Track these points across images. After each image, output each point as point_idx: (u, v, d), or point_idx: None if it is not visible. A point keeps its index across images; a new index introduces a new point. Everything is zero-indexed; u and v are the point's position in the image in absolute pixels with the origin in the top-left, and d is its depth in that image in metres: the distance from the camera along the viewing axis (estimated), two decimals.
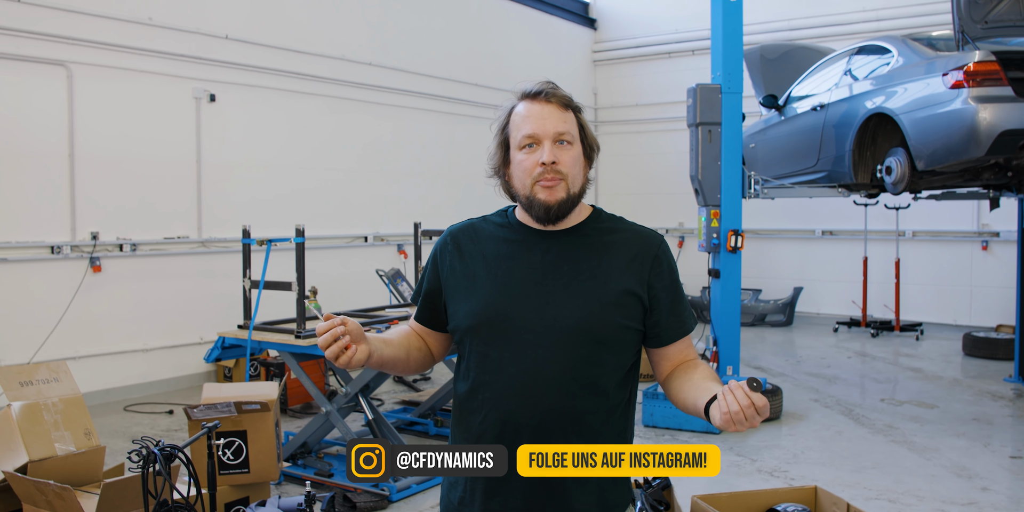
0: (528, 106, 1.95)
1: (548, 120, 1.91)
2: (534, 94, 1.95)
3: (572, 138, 1.94)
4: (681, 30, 12.77)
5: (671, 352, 2.05)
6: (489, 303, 1.97)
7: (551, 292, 1.95)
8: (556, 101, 1.94)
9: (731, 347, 6.95)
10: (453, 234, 2.11)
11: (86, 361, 7.17)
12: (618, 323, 1.94)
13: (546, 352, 1.91)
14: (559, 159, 1.91)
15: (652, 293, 1.99)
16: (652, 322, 2.00)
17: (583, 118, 2.00)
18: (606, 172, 13.81)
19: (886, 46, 6.49)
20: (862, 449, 5.69)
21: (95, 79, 7.15)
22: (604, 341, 1.93)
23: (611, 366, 1.96)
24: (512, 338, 1.94)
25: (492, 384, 1.96)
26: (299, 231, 5.09)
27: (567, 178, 1.93)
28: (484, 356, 1.97)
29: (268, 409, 3.93)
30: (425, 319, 2.13)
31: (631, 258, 1.99)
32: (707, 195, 6.80)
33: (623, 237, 2.04)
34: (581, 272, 1.96)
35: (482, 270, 2.01)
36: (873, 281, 10.96)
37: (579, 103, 2.02)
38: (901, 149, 6.00)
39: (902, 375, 8.20)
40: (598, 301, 1.93)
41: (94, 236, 7.15)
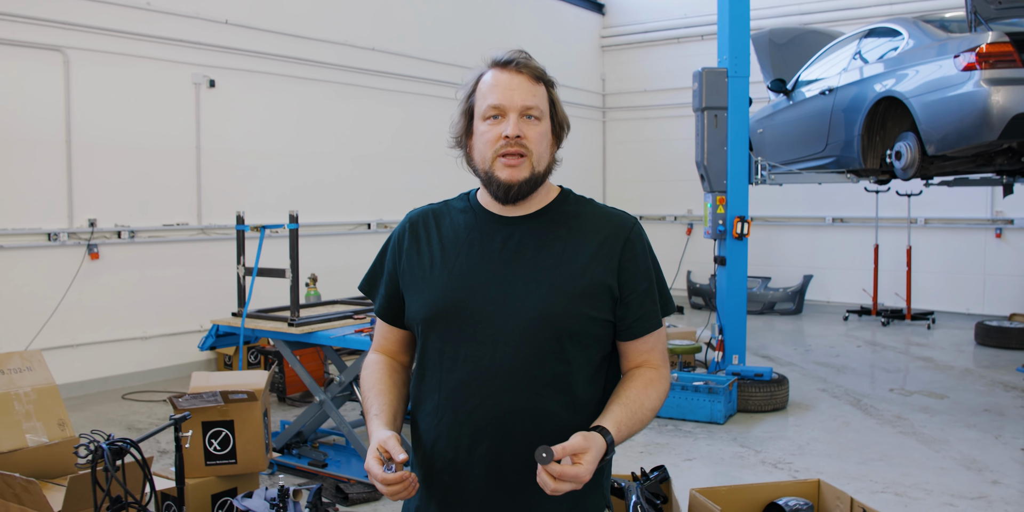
0: (497, 75, 1.79)
1: (516, 91, 1.77)
2: (504, 62, 1.79)
3: (541, 113, 1.79)
4: (691, 15, 12.58)
5: (630, 350, 1.89)
6: (445, 295, 1.83)
7: (512, 282, 1.80)
8: (528, 72, 1.79)
9: (737, 335, 6.83)
10: (411, 220, 1.98)
11: (84, 349, 7.11)
12: (585, 315, 1.79)
13: (506, 348, 1.77)
14: (524, 133, 1.76)
15: (623, 280, 1.83)
16: (620, 313, 1.84)
17: (555, 93, 1.86)
18: (614, 159, 13.68)
19: (897, 28, 6.32)
20: (869, 440, 5.57)
21: (92, 65, 7.05)
22: (570, 335, 1.78)
23: (579, 362, 1.81)
24: (469, 333, 1.79)
25: (448, 383, 1.82)
26: (292, 217, 4.98)
27: (531, 155, 1.78)
28: (440, 353, 1.84)
29: (255, 399, 3.84)
30: (390, 316, 1.99)
31: (600, 243, 1.83)
32: (713, 181, 6.67)
33: (591, 221, 1.88)
34: (545, 260, 1.81)
35: (439, 259, 1.87)
36: (884, 269, 10.79)
37: (552, 77, 1.87)
38: (911, 133, 5.84)
39: (912, 365, 8.06)
40: (563, 291, 1.78)
41: (91, 223, 7.07)
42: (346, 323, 5.07)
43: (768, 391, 6.27)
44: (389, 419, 1.84)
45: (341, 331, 4.87)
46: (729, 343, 6.78)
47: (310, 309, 5.61)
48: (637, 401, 1.79)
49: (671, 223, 12.86)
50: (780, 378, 6.46)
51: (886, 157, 6.23)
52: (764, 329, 10.28)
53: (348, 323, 5.07)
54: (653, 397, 1.83)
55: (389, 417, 1.85)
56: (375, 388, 1.92)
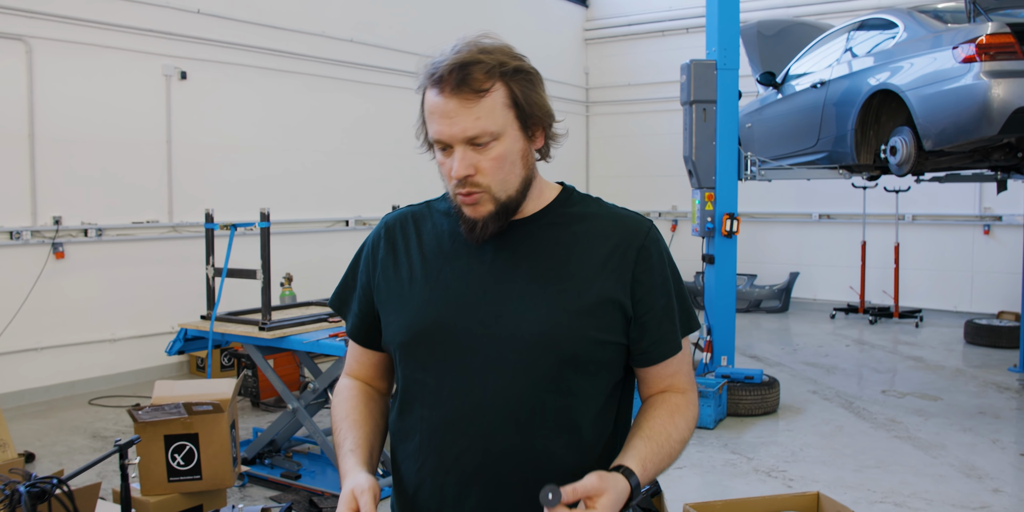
0: (433, 98, 1.47)
1: (456, 120, 1.44)
2: (437, 81, 1.45)
3: (494, 133, 1.46)
4: (675, 7, 12.38)
5: (650, 376, 1.62)
6: (426, 315, 1.55)
7: (504, 300, 1.52)
8: (467, 90, 1.43)
9: (726, 336, 6.64)
10: (387, 226, 1.70)
11: (49, 352, 6.83)
12: (592, 338, 1.51)
13: (498, 378, 1.49)
14: (476, 167, 1.47)
15: (637, 297, 1.54)
16: (635, 336, 1.56)
17: (520, 84, 1.48)
18: (598, 154, 13.47)
19: (891, 19, 6.13)
20: (864, 446, 5.39)
21: (57, 55, 6.76)
22: (574, 362, 1.50)
23: (585, 393, 1.53)
24: (455, 361, 1.52)
25: (431, 421, 1.55)
26: (264, 215, 4.74)
27: (490, 188, 1.49)
28: (420, 384, 1.56)
29: (221, 410, 3.60)
30: (363, 337, 1.72)
31: (609, 252, 1.55)
32: (701, 177, 6.46)
33: (599, 225, 1.59)
34: (544, 273, 1.53)
35: (419, 272, 1.60)
36: (871, 266, 10.64)
37: (518, 61, 1.50)
38: (907, 128, 5.65)
39: (902, 365, 7.90)
40: (565, 310, 1.50)
41: (57, 221, 6.78)
42: (320, 326, 4.83)
43: (759, 394, 6.08)
44: (365, 456, 1.58)
45: (315, 335, 4.63)
46: (718, 344, 6.58)
47: (283, 311, 5.37)
48: (663, 433, 1.53)
49: (656, 219, 12.65)
50: (771, 380, 6.27)
51: (880, 152, 6.05)
52: (750, 327, 10.11)
53: (323, 326, 4.83)
54: (681, 426, 1.57)
55: (365, 454, 1.59)
56: (349, 418, 1.65)
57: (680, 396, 1.62)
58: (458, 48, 1.47)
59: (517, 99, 1.48)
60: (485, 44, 1.49)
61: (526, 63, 1.51)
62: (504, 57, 1.48)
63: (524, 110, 1.49)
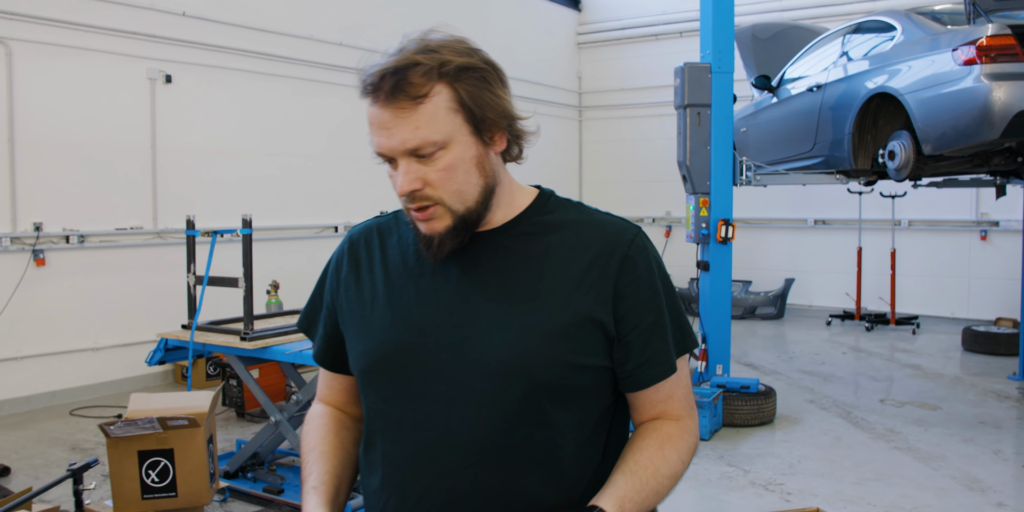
0: (369, 108, 1.34)
1: (394, 131, 1.30)
2: (370, 90, 1.33)
3: (438, 142, 1.30)
4: (668, 11, 12.28)
5: (640, 401, 1.46)
6: (386, 340, 1.41)
7: (470, 322, 1.36)
8: (403, 97, 1.28)
9: (721, 344, 6.51)
10: (351, 240, 1.56)
11: (30, 361, 6.67)
12: (569, 363, 1.35)
13: (465, 409, 1.34)
14: (424, 181, 1.32)
15: (620, 314, 1.38)
16: (619, 357, 1.40)
17: (468, 84, 1.31)
18: (591, 159, 13.35)
19: (888, 21, 6.02)
20: (863, 457, 5.25)
21: (38, 58, 6.61)
22: (550, 390, 1.34)
23: (564, 424, 1.37)
24: (418, 390, 1.37)
25: (394, 457, 1.40)
26: (246, 222, 4.60)
27: (443, 201, 1.34)
28: (382, 416, 1.42)
29: (197, 425, 3.46)
30: (328, 360, 1.59)
31: (588, 264, 1.38)
32: (696, 182, 6.34)
33: (578, 234, 1.42)
34: (514, 291, 1.37)
35: (381, 291, 1.45)
36: (867, 272, 10.53)
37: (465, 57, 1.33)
38: (905, 132, 5.54)
39: (900, 373, 7.78)
40: (536, 333, 1.34)
41: (37, 227, 6.63)
42: (304, 337, 4.68)
43: (755, 404, 5.94)
44: (330, 495, 1.44)
45: (298, 345, 4.49)
46: (713, 352, 6.45)
47: (268, 320, 5.22)
48: (650, 467, 1.37)
49: (650, 225, 12.54)
50: (767, 390, 6.14)
51: (878, 157, 5.93)
52: (745, 334, 9.99)
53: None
54: (672, 460, 1.39)
55: (330, 492, 1.44)
56: (316, 450, 1.51)
57: (674, 424, 1.45)
58: (394, 51, 1.34)
59: (463, 101, 1.31)
60: (431, 41, 1.34)
61: (477, 59, 1.34)
62: (449, 55, 1.31)
63: (474, 113, 1.32)
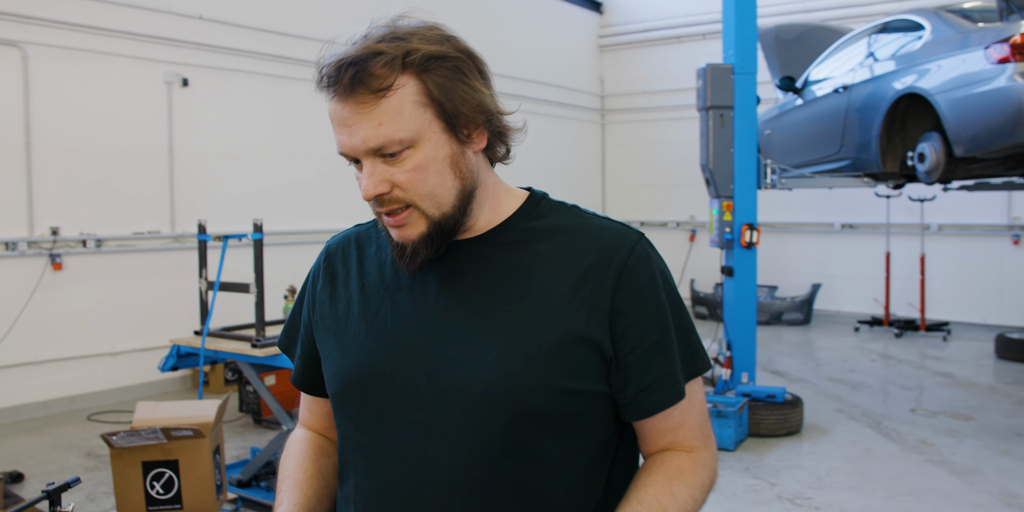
0: (328, 102, 1.21)
1: (354, 129, 1.17)
2: (325, 82, 1.19)
3: (404, 141, 1.16)
4: (691, 13, 12.13)
5: (646, 431, 1.29)
6: (359, 360, 1.27)
7: (449, 342, 1.22)
8: (363, 91, 1.15)
9: (746, 351, 6.36)
10: (328, 251, 1.44)
11: (47, 366, 6.63)
12: (558, 388, 1.18)
13: (443, 440, 1.19)
14: (392, 184, 1.19)
15: (618, 332, 1.21)
16: (618, 382, 1.23)
17: (438, 75, 1.18)
18: (614, 163, 13.21)
19: (917, 20, 5.86)
20: (895, 471, 5.08)
21: (54, 62, 6.58)
22: (536, 418, 1.18)
23: (557, 457, 1.21)
24: (391, 417, 1.23)
25: (365, 491, 1.26)
26: (257, 226, 4.51)
27: (417, 203, 1.20)
28: (354, 445, 1.29)
29: (202, 436, 3.36)
30: (306, 383, 1.46)
31: (582, 275, 1.22)
32: (719, 186, 6.19)
33: (571, 241, 1.26)
34: (497, 306, 1.22)
35: (356, 306, 1.32)
36: (896, 277, 10.31)
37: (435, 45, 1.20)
38: (936, 134, 5.38)
39: (931, 381, 7.57)
40: (522, 353, 1.18)
41: (54, 231, 6.59)
42: None
43: (782, 414, 5.78)
44: None
45: None
46: (738, 360, 6.30)
47: (276, 327, 5.13)
48: (655, 506, 1.20)
49: (673, 229, 12.38)
50: (794, 399, 5.97)
51: (907, 159, 5.77)
52: (771, 341, 9.80)
53: None
54: (682, 497, 1.23)
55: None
56: (290, 479, 1.38)
57: (686, 456, 1.28)
58: (357, 39, 1.19)
59: (432, 95, 1.17)
60: (400, 28, 1.20)
61: (449, 47, 1.21)
62: (417, 43, 1.17)
63: (445, 107, 1.18)
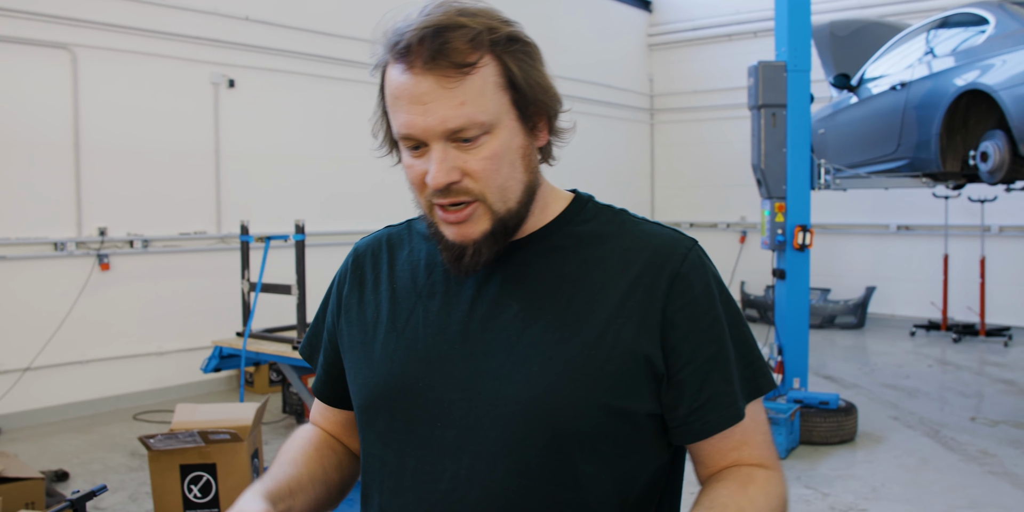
0: (397, 76, 1.08)
1: (432, 106, 1.04)
2: (402, 50, 1.06)
3: (484, 124, 1.05)
4: (742, 10, 11.91)
5: (703, 453, 1.17)
6: (388, 372, 1.16)
7: (486, 354, 1.11)
8: (447, 64, 1.03)
9: (798, 356, 6.17)
10: (356, 254, 1.33)
11: (95, 365, 6.68)
12: (604, 406, 1.08)
13: (477, 461, 1.09)
14: (463, 172, 1.07)
15: (671, 345, 1.10)
16: (669, 400, 1.12)
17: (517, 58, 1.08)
18: (663, 163, 13.04)
19: (980, 13, 5.64)
20: (954, 482, 4.88)
21: (102, 63, 6.63)
22: (580, 439, 1.08)
23: (599, 483, 1.10)
24: (422, 434, 1.13)
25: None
26: (299, 227, 4.48)
27: (485, 196, 1.08)
28: (380, 463, 1.18)
29: (240, 439, 3.32)
30: (327, 394, 1.35)
31: (631, 284, 1.11)
32: (771, 186, 6.02)
33: (619, 248, 1.15)
34: (540, 316, 1.11)
35: (386, 314, 1.21)
36: (954, 280, 9.99)
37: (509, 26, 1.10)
38: (1000, 131, 5.16)
39: (992, 388, 7.31)
40: (567, 368, 1.07)
41: (102, 232, 6.64)
42: None
43: (835, 421, 5.60)
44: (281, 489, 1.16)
45: None
46: (789, 365, 6.12)
47: None
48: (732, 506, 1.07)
49: (723, 231, 12.17)
50: (848, 406, 5.78)
51: (969, 159, 5.55)
52: (824, 345, 9.57)
53: None
54: (760, 502, 1.09)
55: (282, 489, 1.16)
56: (286, 455, 1.27)
57: (757, 468, 1.15)
58: (427, 10, 1.09)
59: (514, 78, 1.07)
60: (464, 4, 1.09)
61: (522, 31, 1.12)
62: (493, 21, 1.08)
63: (524, 93, 1.08)
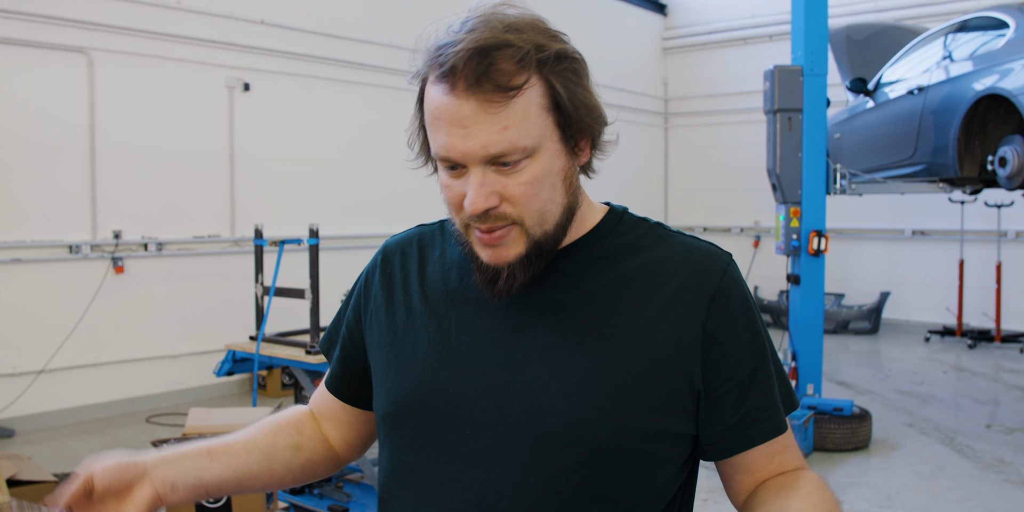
0: (440, 95, 1.02)
1: (474, 131, 1.01)
2: (448, 73, 1.01)
3: (527, 149, 1.02)
4: (758, 14, 11.87)
5: (749, 463, 1.15)
6: (419, 378, 1.14)
7: (521, 364, 1.09)
8: (491, 88, 0.99)
9: (812, 362, 6.13)
10: (385, 252, 1.30)
11: (108, 368, 6.70)
12: (642, 423, 1.06)
13: (507, 472, 1.07)
14: (502, 196, 1.05)
15: (711, 361, 1.09)
16: (706, 416, 1.11)
17: (563, 77, 1.04)
18: (677, 167, 13.01)
19: (1000, 17, 5.60)
20: (970, 490, 4.84)
21: (118, 67, 6.65)
22: (615, 456, 1.06)
23: (630, 499, 1.09)
24: (452, 442, 1.11)
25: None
26: (313, 231, 4.47)
27: (523, 220, 1.06)
28: (407, 470, 1.16)
29: None
30: (340, 389, 1.33)
31: (671, 298, 1.10)
32: (786, 191, 5.99)
33: (658, 260, 1.14)
34: (578, 328, 1.10)
35: (419, 318, 1.19)
36: (970, 286, 9.92)
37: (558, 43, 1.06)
38: (1019, 136, 5.12)
39: (1008, 395, 7.25)
40: (604, 383, 1.06)
41: (116, 235, 6.67)
42: None
43: (849, 428, 5.56)
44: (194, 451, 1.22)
45: None
46: (804, 371, 6.08)
47: None
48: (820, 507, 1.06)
49: (737, 235, 12.13)
50: (862, 413, 5.75)
51: (987, 164, 5.50)
52: (838, 350, 9.52)
53: None
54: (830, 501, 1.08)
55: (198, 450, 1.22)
56: (228, 436, 1.27)
57: (807, 472, 1.14)
58: (472, 24, 1.03)
59: (559, 99, 1.03)
60: (511, 17, 1.04)
61: (569, 45, 1.07)
62: (540, 37, 1.03)
63: (569, 115, 1.04)
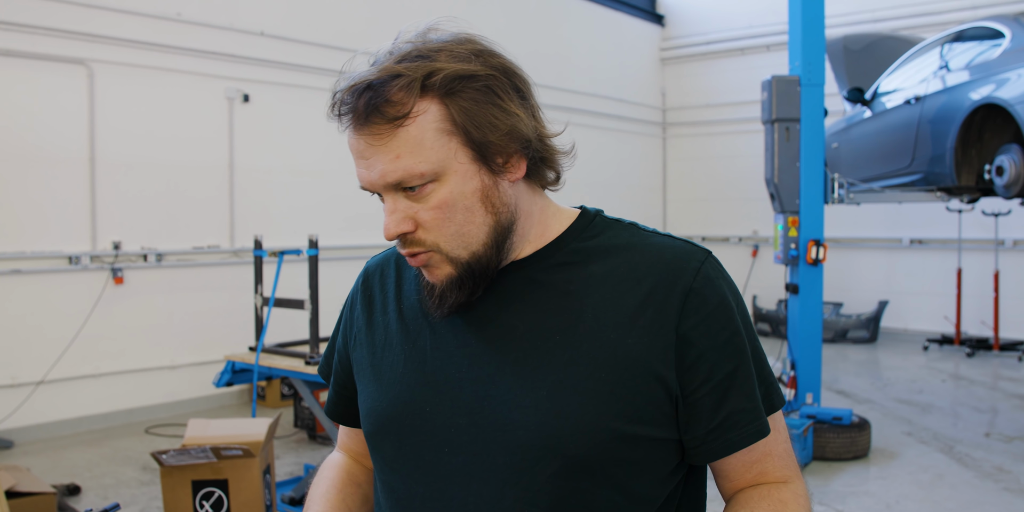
0: (347, 132, 1.09)
1: (373, 162, 1.05)
2: (345, 111, 1.07)
3: (426, 174, 1.04)
4: (755, 24, 11.92)
5: (728, 466, 1.16)
6: (396, 396, 1.14)
7: (494, 377, 1.07)
8: (379, 119, 1.03)
9: (811, 371, 6.14)
10: (366, 274, 1.32)
11: (107, 379, 6.70)
12: (616, 431, 1.04)
13: (484, 488, 1.06)
14: (415, 222, 1.08)
15: (686, 363, 1.07)
16: (685, 420, 1.09)
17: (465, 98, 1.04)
18: (675, 177, 13.03)
19: (995, 27, 5.63)
20: (970, 499, 4.83)
21: (118, 78, 6.68)
22: (590, 466, 1.05)
23: (611, 505, 1.07)
24: (429, 459, 1.11)
25: None
26: (312, 242, 4.48)
27: (439, 246, 1.07)
28: (390, 490, 1.16)
29: (252, 455, 3.31)
30: (340, 414, 1.35)
31: (643, 300, 1.07)
32: (784, 201, 6.01)
33: (629, 261, 1.11)
34: (548, 336, 1.07)
35: (396, 336, 1.19)
36: (968, 295, 9.93)
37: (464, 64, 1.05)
38: (1016, 145, 5.14)
39: (1007, 403, 7.25)
40: (575, 391, 1.04)
41: (116, 245, 6.67)
42: None
43: (848, 437, 5.56)
44: None
45: None
46: (802, 380, 6.08)
47: None
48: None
49: (735, 244, 12.14)
50: (861, 422, 5.75)
51: (984, 173, 5.53)
52: (836, 359, 9.52)
53: None
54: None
55: None
56: (315, 505, 1.27)
57: (784, 487, 1.15)
58: (381, 57, 1.09)
59: (456, 121, 1.04)
60: (428, 43, 1.08)
61: (479, 64, 1.06)
62: (444, 61, 1.04)
63: (472, 135, 1.04)
